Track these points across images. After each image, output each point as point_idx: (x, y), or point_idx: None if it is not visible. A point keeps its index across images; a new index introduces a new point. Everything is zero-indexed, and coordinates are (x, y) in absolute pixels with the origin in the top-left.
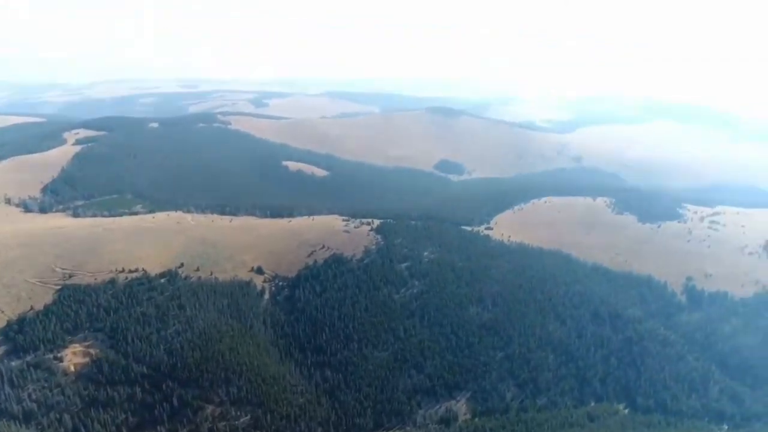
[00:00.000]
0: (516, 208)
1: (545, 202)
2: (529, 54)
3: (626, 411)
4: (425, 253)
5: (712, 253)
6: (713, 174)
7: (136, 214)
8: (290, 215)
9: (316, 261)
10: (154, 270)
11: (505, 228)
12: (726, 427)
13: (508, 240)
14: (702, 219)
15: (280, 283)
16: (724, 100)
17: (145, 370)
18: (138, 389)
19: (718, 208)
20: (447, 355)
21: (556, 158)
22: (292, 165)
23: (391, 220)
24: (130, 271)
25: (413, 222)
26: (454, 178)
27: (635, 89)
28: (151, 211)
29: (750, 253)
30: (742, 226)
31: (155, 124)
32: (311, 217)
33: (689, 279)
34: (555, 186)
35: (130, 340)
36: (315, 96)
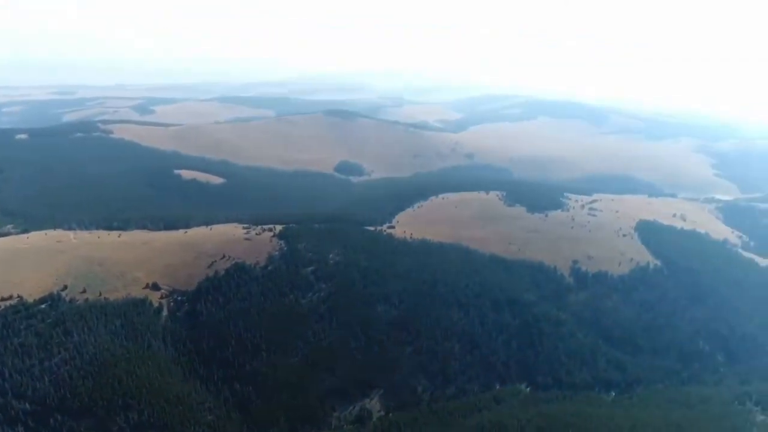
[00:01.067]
0: (416, 206)
1: (443, 198)
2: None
3: (528, 390)
4: (330, 256)
5: (593, 236)
6: (588, 164)
7: (6, 235)
8: (186, 226)
9: (216, 272)
10: (32, 295)
11: (407, 226)
12: (613, 394)
13: (411, 237)
14: (582, 206)
15: (179, 298)
16: (594, 96)
17: (28, 406)
18: (21, 428)
19: (595, 196)
20: (357, 354)
21: (451, 156)
22: (186, 173)
23: (294, 225)
24: (3, 299)
25: (316, 225)
26: (354, 179)
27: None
28: (25, 231)
29: (624, 235)
30: (616, 211)
31: (24, 135)
32: (209, 227)
33: (575, 262)
34: (451, 183)
35: (7, 375)
36: (205, 101)
